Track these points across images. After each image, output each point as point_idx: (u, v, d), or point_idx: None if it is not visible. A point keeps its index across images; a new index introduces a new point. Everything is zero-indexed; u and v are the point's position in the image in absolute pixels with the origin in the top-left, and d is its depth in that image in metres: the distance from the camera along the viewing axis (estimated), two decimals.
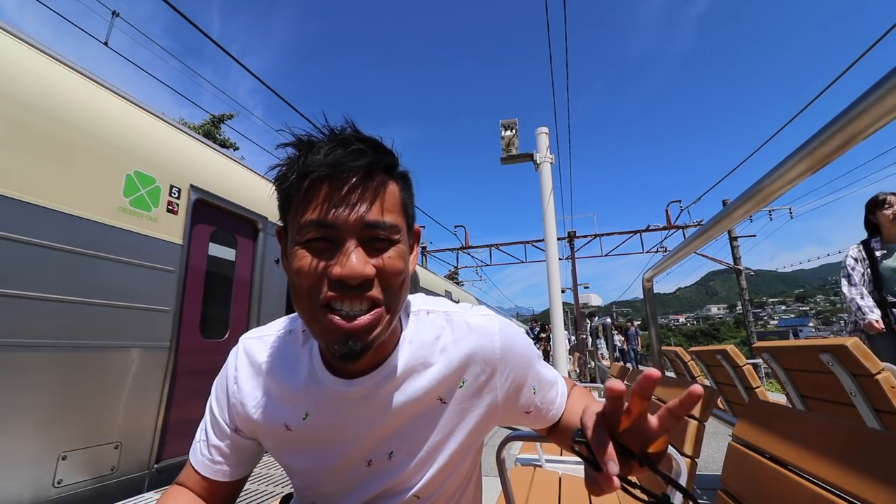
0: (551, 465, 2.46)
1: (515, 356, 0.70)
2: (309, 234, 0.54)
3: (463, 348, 0.66)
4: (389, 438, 0.65)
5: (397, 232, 0.57)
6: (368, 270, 0.53)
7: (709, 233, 1.62)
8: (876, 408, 1.75)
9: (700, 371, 4.12)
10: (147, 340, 2.58)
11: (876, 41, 5.73)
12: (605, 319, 12.66)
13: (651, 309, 2.51)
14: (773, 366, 2.42)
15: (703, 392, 0.42)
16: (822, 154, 0.89)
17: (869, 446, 0.58)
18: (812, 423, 0.72)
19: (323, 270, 0.54)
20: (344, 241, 0.54)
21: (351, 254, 0.53)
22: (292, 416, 0.66)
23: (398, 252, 0.57)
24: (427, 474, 0.66)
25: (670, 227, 15.17)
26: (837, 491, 0.60)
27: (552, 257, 7.02)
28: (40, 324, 2.07)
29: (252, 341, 0.72)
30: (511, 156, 7.38)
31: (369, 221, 0.54)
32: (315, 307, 0.55)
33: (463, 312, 0.71)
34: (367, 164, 0.54)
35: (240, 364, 0.70)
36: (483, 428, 0.71)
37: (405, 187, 0.62)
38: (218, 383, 0.73)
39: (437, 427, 0.66)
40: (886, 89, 0.70)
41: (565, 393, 0.80)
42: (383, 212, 0.55)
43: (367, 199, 0.54)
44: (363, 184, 0.54)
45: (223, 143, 16.81)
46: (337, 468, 0.66)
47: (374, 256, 0.55)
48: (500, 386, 0.69)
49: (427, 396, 0.65)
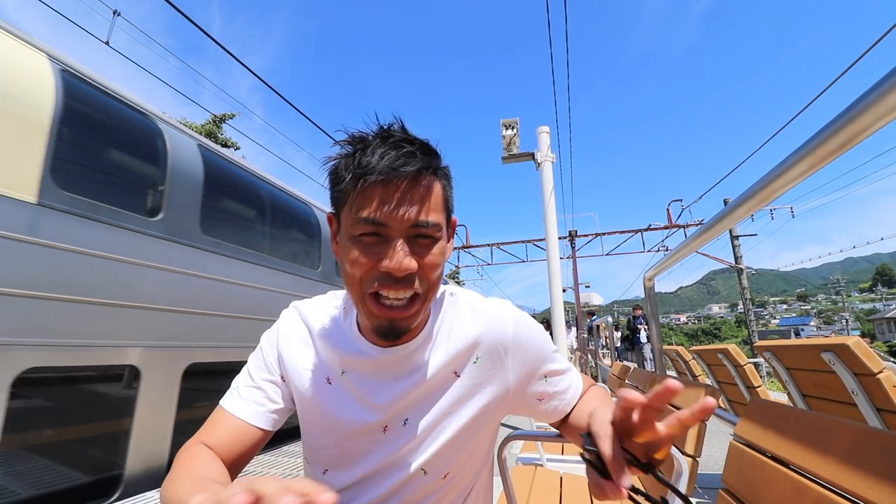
0: (552, 464, 2.46)
1: (528, 344, 0.76)
2: (362, 230, 0.60)
3: (479, 328, 0.74)
4: (407, 406, 0.71)
5: (439, 230, 0.64)
6: (413, 265, 0.60)
7: (710, 232, 1.62)
8: (878, 407, 1.75)
9: (701, 370, 4.12)
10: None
11: (876, 41, 5.71)
12: (606, 319, 12.50)
13: (652, 308, 2.51)
14: (775, 365, 2.42)
15: (715, 405, 0.42)
16: (824, 153, 0.89)
17: (871, 445, 0.58)
18: (813, 422, 0.72)
19: (373, 264, 0.60)
20: (393, 238, 0.60)
21: (399, 250, 0.59)
22: (333, 371, 0.74)
23: (439, 249, 0.64)
24: (435, 446, 0.71)
25: (671, 226, 15.15)
26: (839, 490, 0.60)
27: (553, 256, 7.02)
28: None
29: (304, 306, 0.80)
30: (512, 155, 7.37)
31: (416, 222, 0.60)
32: (364, 294, 0.62)
33: (483, 299, 0.79)
34: (418, 168, 0.60)
35: (292, 321, 0.79)
36: (494, 410, 0.76)
37: (447, 185, 0.68)
38: (267, 336, 0.80)
39: (449, 398, 0.72)
40: (887, 88, 0.70)
41: (579, 387, 0.82)
42: (429, 212, 0.62)
43: (415, 201, 0.60)
44: (412, 187, 0.60)
45: (224, 142, 16.83)
46: (357, 430, 0.72)
47: (419, 252, 0.62)
48: (512, 369, 0.75)
49: (444, 368, 0.72)
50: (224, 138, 17.05)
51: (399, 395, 0.71)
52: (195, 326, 2.88)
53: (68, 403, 2.31)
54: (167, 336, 2.67)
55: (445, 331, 0.74)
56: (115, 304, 2.37)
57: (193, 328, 2.87)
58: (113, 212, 2.41)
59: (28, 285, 2.01)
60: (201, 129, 16.22)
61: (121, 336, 2.40)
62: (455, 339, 0.73)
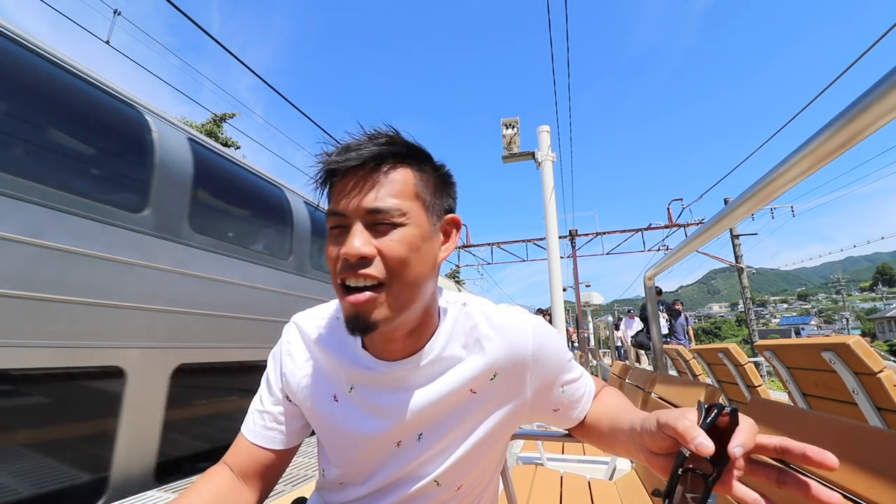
0: (552, 463, 2.47)
1: (547, 356, 0.73)
2: (330, 223, 0.62)
3: (497, 343, 0.70)
4: (421, 422, 0.69)
5: (402, 214, 0.60)
6: (365, 250, 0.58)
7: (710, 231, 1.62)
8: (878, 406, 1.75)
9: (702, 369, 4.12)
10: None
11: (876, 40, 5.70)
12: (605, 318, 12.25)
13: (652, 307, 2.51)
14: (775, 364, 2.42)
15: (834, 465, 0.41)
16: (825, 152, 0.88)
17: (871, 445, 0.58)
18: (814, 421, 0.72)
19: (337, 253, 0.61)
20: (351, 226, 0.60)
21: (353, 236, 0.59)
22: (339, 388, 0.72)
23: (402, 235, 0.60)
24: (449, 460, 0.70)
25: (672, 225, 15.15)
26: (839, 489, 0.60)
27: (553, 255, 7.01)
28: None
29: (304, 319, 0.78)
30: (513, 154, 7.36)
31: (370, 207, 0.59)
32: (337, 286, 0.62)
33: (499, 309, 0.75)
34: (374, 154, 0.60)
35: (293, 338, 0.77)
36: (509, 423, 0.74)
37: (425, 175, 0.65)
38: (273, 355, 0.79)
39: (466, 415, 0.70)
40: (888, 87, 0.70)
41: (592, 392, 0.81)
42: (386, 198, 0.60)
43: (370, 186, 0.60)
44: (370, 174, 0.60)
45: (225, 142, 16.81)
46: (370, 446, 0.70)
47: (376, 237, 0.60)
48: (530, 383, 0.73)
49: (460, 386, 0.69)
50: (224, 137, 17.04)
51: (412, 410, 0.68)
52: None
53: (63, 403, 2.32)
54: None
55: (458, 344, 0.70)
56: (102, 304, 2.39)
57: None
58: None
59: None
60: (202, 129, 16.21)
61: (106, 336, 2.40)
62: (470, 355, 0.70)
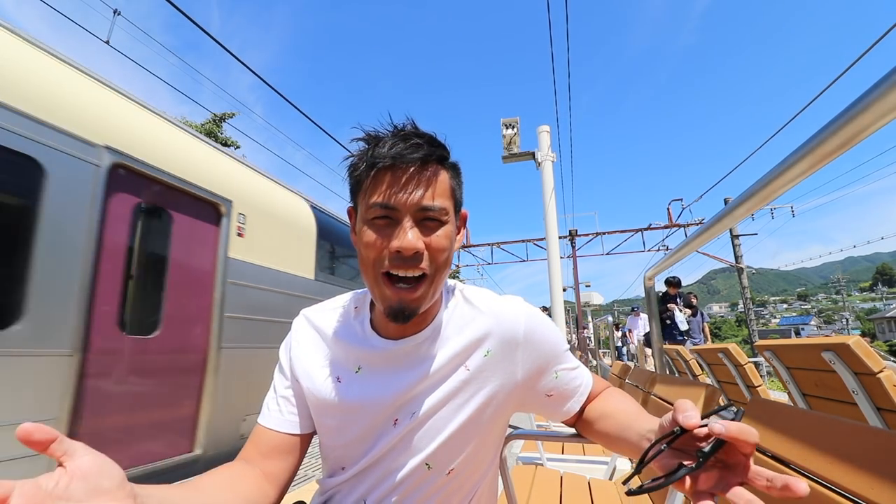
0: (552, 463, 2.47)
1: (539, 341, 0.77)
2: (374, 213, 0.66)
3: (490, 321, 0.76)
4: (417, 398, 0.73)
5: (446, 214, 0.67)
6: (420, 245, 0.64)
7: (710, 231, 1.62)
8: (878, 406, 1.75)
9: (702, 370, 4.12)
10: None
11: (876, 41, 5.70)
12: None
13: (653, 307, 2.51)
14: (775, 364, 2.42)
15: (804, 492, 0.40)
16: (824, 152, 0.89)
17: (871, 445, 0.58)
18: (814, 421, 0.72)
19: (384, 244, 0.65)
20: (402, 220, 0.65)
21: (407, 231, 0.64)
22: (345, 369, 0.76)
23: (446, 232, 0.68)
24: (440, 438, 0.72)
25: (672, 225, 15.15)
26: (839, 489, 0.60)
27: (553, 256, 7.01)
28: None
29: (312, 312, 0.84)
30: (512, 154, 7.36)
31: (423, 205, 0.65)
32: (378, 275, 0.67)
33: (496, 295, 0.81)
34: (423, 156, 0.65)
35: (301, 328, 0.83)
36: (501, 406, 0.76)
37: (455, 176, 0.72)
38: (283, 347, 0.84)
39: (457, 390, 0.73)
40: (887, 88, 0.70)
41: (589, 385, 0.83)
42: (434, 197, 0.66)
43: (421, 185, 0.65)
44: (419, 173, 0.65)
45: (224, 141, 16.80)
46: (369, 425, 0.74)
47: (426, 234, 0.66)
48: (521, 363, 0.76)
49: (453, 360, 0.73)
50: (224, 137, 17.04)
51: (409, 386, 0.72)
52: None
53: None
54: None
55: (456, 323, 0.76)
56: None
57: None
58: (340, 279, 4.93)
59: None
60: (201, 129, 16.20)
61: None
62: (466, 332, 0.75)
